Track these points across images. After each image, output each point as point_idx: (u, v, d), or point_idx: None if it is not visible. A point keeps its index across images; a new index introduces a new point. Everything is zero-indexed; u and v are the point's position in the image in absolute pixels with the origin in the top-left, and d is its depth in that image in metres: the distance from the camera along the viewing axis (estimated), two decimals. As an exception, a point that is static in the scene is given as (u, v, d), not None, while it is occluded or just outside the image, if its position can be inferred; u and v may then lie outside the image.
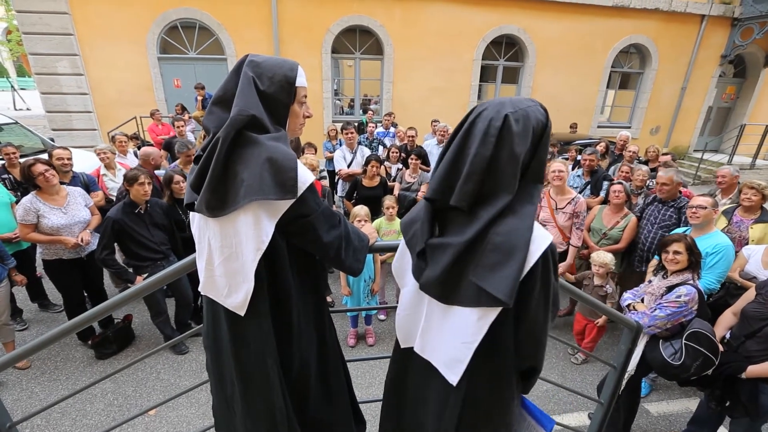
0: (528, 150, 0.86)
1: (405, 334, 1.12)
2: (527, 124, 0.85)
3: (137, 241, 3.07)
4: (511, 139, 0.83)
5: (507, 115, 0.84)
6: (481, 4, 9.16)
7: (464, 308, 0.90)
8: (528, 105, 0.88)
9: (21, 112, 16.15)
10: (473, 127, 0.87)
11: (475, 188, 0.86)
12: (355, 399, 1.49)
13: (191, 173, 1.07)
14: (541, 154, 0.89)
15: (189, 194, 1.08)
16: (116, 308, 1.45)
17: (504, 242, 0.83)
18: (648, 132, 11.32)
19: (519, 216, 0.84)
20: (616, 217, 3.62)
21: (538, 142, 0.87)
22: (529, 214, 0.85)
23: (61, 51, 7.92)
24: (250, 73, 1.01)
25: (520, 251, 0.82)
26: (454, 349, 0.94)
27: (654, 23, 10.11)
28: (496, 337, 0.90)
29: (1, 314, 3.00)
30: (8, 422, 1.48)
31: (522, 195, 0.86)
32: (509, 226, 0.84)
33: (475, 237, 0.85)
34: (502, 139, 0.84)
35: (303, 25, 8.69)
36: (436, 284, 0.93)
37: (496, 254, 0.83)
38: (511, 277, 0.81)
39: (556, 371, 3.42)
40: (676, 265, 2.18)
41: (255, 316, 1.09)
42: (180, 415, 2.77)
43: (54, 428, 2.66)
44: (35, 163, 2.99)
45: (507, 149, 0.83)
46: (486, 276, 0.84)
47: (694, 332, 2.01)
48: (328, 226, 1.10)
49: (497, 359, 0.95)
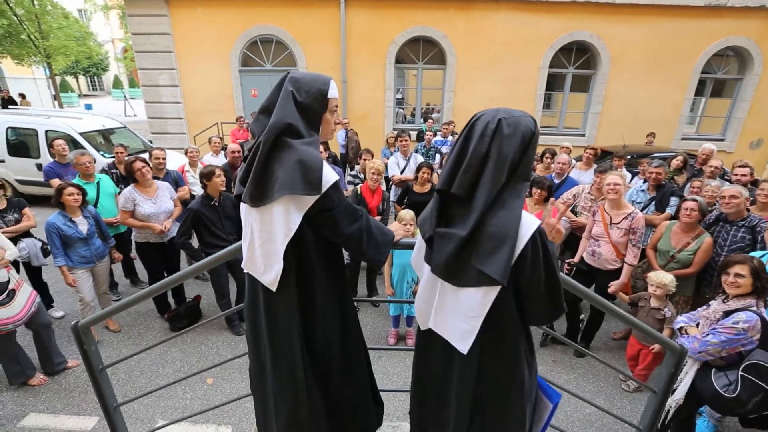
0: (517, 151, 1.00)
1: (423, 317, 1.24)
2: (517, 129, 1.00)
3: (210, 230, 3.51)
4: (502, 140, 0.99)
5: (500, 119, 1.01)
6: (550, 10, 8.84)
7: (470, 288, 1.04)
8: (520, 114, 1.03)
9: (129, 118, 18.87)
10: (473, 129, 1.04)
11: (472, 179, 1.02)
12: (374, 381, 1.62)
13: (240, 170, 1.29)
14: (529, 156, 1.03)
15: (238, 187, 1.30)
16: (185, 278, 1.76)
17: (497, 231, 0.98)
18: (747, 145, 9.96)
19: (508, 209, 0.99)
20: (686, 238, 3.28)
21: (526, 147, 1.01)
22: (518, 207, 1.00)
23: (163, 66, 9.20)
24: (290, 88, 1.21)
25: (510, 238, 0.97)
26: (464, 323, 1.09)
27: (758, 23, 8.92)
28: (500, 312, 1.05)
29: (102, 284, 3.62)
30: (101, 365, 1.84)
31: (511, 190, 1.01)
32: (500, 217, 0.99)
33: (473, 228, 1.00)
34: (495, 138, 1.00)
35: (369, 38, 9.11)
36: (443, 268, 1.09)
37: (491, 242, 0.98)
38: (504, 259, 0.96)
39: (603, 396, 3.22)
40: (737, 290, 1.99)
41: (284, 292, 1.28)
42: (232, 387, 3.11)
43: (133, 383, 3.15)
44: (135, 160, 3.58)
45: (499, 148, 0.99)
46: (484, 260, 0.99)
47: (753, 364, 1.82)
48: (350, 220, 1.26)
49: (503, 332, 1.09)
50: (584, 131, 10.01)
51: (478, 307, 1.05)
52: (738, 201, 3.06)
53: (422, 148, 6.55)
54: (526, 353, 1.15)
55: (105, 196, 4.06)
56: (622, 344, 3.74)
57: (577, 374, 3.43)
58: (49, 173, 4.70)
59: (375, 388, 1.62)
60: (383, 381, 3.09)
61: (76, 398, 2.98)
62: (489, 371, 1.12)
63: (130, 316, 3.99)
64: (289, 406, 1.38)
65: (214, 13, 8.94)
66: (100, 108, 21.08)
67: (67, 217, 3.25)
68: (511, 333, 1.10)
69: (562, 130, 10.19)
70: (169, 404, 2.95)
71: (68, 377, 3.18)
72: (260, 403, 1.53)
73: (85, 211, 3.39)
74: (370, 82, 9.47)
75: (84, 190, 3.35)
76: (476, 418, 1.16)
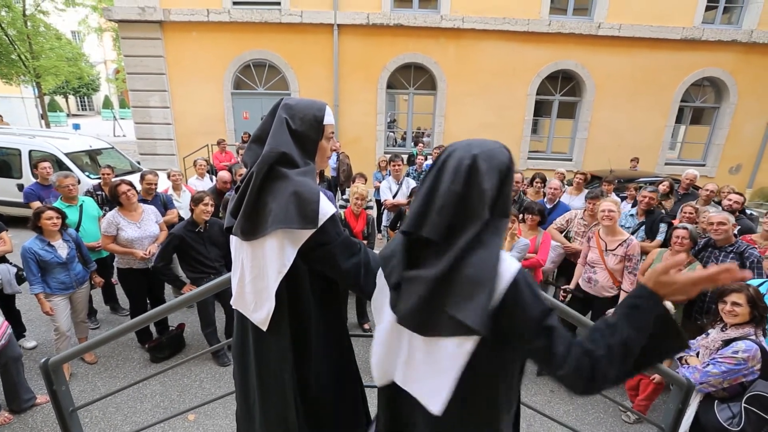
0: (494, 187, 0.91)
1: (382, 371, 1.09)
2: (493, 163, 0.92)
3: (194, 256, 3.39)
4: (479, 176, 0.90)
5: (475, 155, 0.91)
6: (536, 40, 9.19)
7: (443, 339, 0.92)
8: (493, 147, 0.95)
9: (118, 138, 18.73)
10: (445, 165, 0.94)
11: (446, 221, 0.91)
12: (369, 415, 1.50)
13: (231, 201, 1.22)
14: (506, 191, 0.94)
15: (228, 219, 1.22)
16: (168, 312, 1.65)
17: (474, 274, 0.87)
18: (726, 170, 10.29)
19: (487, 248, 0.89)
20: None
21: (503, 181, 0.93)
22: (497, 246, 0.90)
23: (154, 87, 9.21)
24: (284, 115, 1.15)
25: (489, 281, 0.86)
26: (436, 379, 0.95)
27: (731, 55, 9.40)
28: (477, 368, 0.91)
29: (81, 311, 3.44)
30: (71, 407, 1.69)
31: (490, 228, 0.91)
32: (479, 257, 0.88)
33: (448, 269, 0.89)
34: (470, 176, 0.90)
35: (361, 63, 9.30)
36: (412, 316, 0.95)
37: (468, 285, 0.87)
38: (481, 306, 0.85)
39: (603, 428, 3.11)
40: (735, 318, 1.96)
41: (275, 332, 1.19)
42: (215, 424, 2.92)
43: (108, 420, 2.93)
44: (120, 183, 3.48)
45: (476, 185, 0.90)
46: (460, 306, 0.87)
47: (756, 395, 1.77)
48: (347, 255, 1.18)
49: (478, 393, 0.95)
50: (571, 156, 10.24)
51: (452, 360, 0.91)
52: (726, 227, 3.09)
53: (414, 172, 6.58)
54: (500, 418, 0.99)
55: (88, 219, 3.93)
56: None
57: (576, 405, 3.33)
58: (30, 195, 4.55)
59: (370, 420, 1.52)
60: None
61: (44, 438, 2.76)
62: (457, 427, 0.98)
63: (107, 346, 3.77)
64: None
65: (208, 37, 9.05)
66: (89, 128, 20.89)
67: (45, 241, 3.10)
68: (484, 393, 0.96)
69: (550, 155, 10.41)
70: (146, 444, 2.74)
71: (35, 415, 2.95)
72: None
73: (65, 235, 3.25)
74: (362, 107, 9.60)
75: (63, 213, 3.22)
76: None
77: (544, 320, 0.87)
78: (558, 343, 0.86)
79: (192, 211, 3.40)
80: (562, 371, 0.85)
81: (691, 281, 0.83)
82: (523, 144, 9.95)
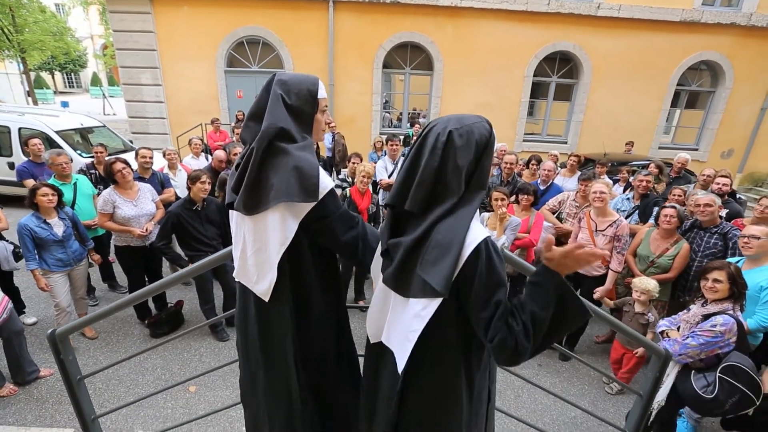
0: (471, 161, 0.96)
1: (375, 330, 1.19)
2: (470, 138, 0.96)
3: (192, 234, 3.42)
4: (454, 152, 0.95)
5: (451, 131, 0.95)
6: (534, 20, 9.06)
7: (413, 299, 0.99)
8: (473, 122, 0.99)
9: (108, 116, 18.32)
10: (425, 141, 0.99)
11: (425, 195, 0.97)
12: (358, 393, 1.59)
13: (231, 177, 1.25)
14: (485, 165, 0.99)
15: (229, 195, 1.25)
16: (167, 287, 1.70)
17: (443, 239, 0.93)
18: (718, 155, 10.40)
19: (458, 217, 0.94)
20: (665, 244, 3.39)
21: (481, 154, 0.97)
22: (467, 216, 0.95)
23: (146, 64, 8.99)
24: (279, 91, 1.16)
25: (455, 247, 0.91)
26: (404, 338, 1.03)
27: (729, 39, 9.37)
28: (440, 328, 0.98)
29: (80, 288, 3.48)
30: (79, 375, 1.76)
31: (464, 199, 0.97)
32: (448, 225, 0.94)
33: (421, 235, 0.96)
34: (447, 151, 0.95)
35: (357, 42, 9.13)
36: (393, 277, 1.04)
37: (436, 250, 0.93)
38: (447, 269, 0.91)
39: (587, 399, 3.27)
40: (715, 294, 2.06)
41: (277, 302, 1.24)
42: (216, 395, 3.02)
43: (111, 392, 3.02)
44: (116, 161, 3.46)
45: (452, 161, 0.95)
46: (428, 269, 0.94)
47: (730, 365, 1.89)
48: (346, 228, 1.23)
49: (440, 353, 1.02)
50: (567, 139, 10.26)
51: (417, 321, 0.98)
52: (712, 209, 3.18)
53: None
54: (469, 380, 1.06)
55: (82, 197, 3.92)
56: (605, 348, 3.82)
57: (562, 378, 3.48)
58: (23, 173, 4.50)
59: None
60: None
61: (49, 409, 2.84)
62: (426, 393, 1.06)
63: (107, 322, 3.83)
64: (284, 419, 1.34)
65: (200, 12, 8.80)
66: (77, 106, 20.37)
67: (41, 218, 3.11)
68: (451, 355, 1.03)
69: (545, 137, 10.42)
70: (150, 414, 2.84)
71: (40, 387, 3.03)
72: (251, 415, 1.49)
73: (61, 213, 3.25)
74: (358, 86, 9.48)
75: (59, 190, 3.22)
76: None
77: (495, 294, 0.93)
78: (498, 317, 0.92)
79: (189, 190, 3.41)
80: (492, 343, 0.92)
81: (561, 254, 0.91)
82: (519, 126, 9.95)
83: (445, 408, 1.07)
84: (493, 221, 3.49)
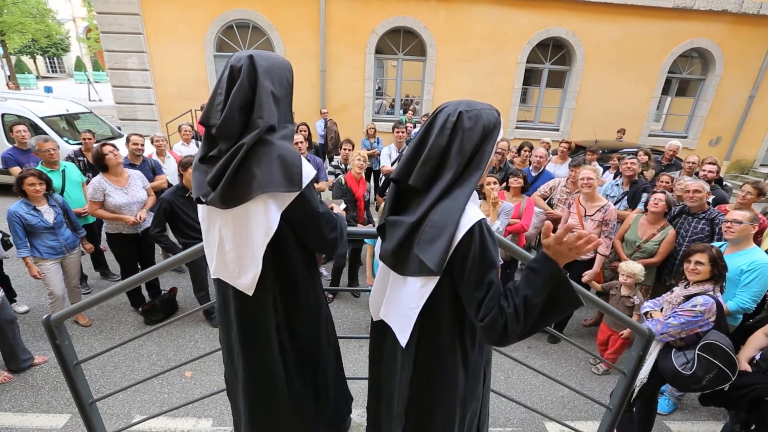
0: (475, 143, 0.99)
1: (376, 307, 1.24)
2: (478, 122, 0.99)
3: (185, 221, 3.41)
4: (462, 133, 0.98)
5: (461, 112, 0.99)
6: (528, 6, 8.98)
7: (411, 278, 1.04)
8: (483, 107, 1.02)
9: (94, 102, 17.88)
10: (435, 120, 1.02)
11: (430, 171, 1.00)
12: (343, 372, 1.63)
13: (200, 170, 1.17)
14: (486, 149, 1.02)
15: (200, 189, 1.15)
16: (161, 272, 1.71)
17: (439, 220, 0.96)
18: (707, 143, 10.54)
19: (454, 198, 0.97)
20: (652, 229, 3.47)
21: (485, 138, 1.01)
22: (464, 196, 0.98)
23: (132, 48, 8.74)
24: (268, 85, 1.10)
25: (450, 227, 0.94)
26: (404, 314, 1.08)
27: (720, 26, 9.40)
28: (438, 307, 1.04)
29: (73, 277, 3.47)
30: (75, 360, 1.77)
31: (462, 180, 0.99)
32: (445, 205, 0.97)
33: (423, 215, 0.99)
34: (455, 132, 0.98)
35: (349, 27, 8.97)
36: (390, 256, 1.07)
37: (432, 230, 0.97)
38: (441, 249, 0.94)
39: (574, 379, 3.38)
40: (697, 276, 2.13)
41: (260, 295, 1.24)
42: (212, 380, 3.07)
43: (107, 378, 3.05)
44: (104, 145, 3.41)
45: (458, 141, 0.98)
46: (424, 249, 0.97)
47: (708, 343, 1.97)
48: (331, 227, 1.27)
49: (439, 330, 1.07)
50: (559, 126, 10.31)
51: (417, 298, 1.03)
52: (701, 195, 3.25)
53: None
54: (464, 358, 1.10)
55: (71, 185, 3.87)
56: (592, 330, 3.93)
57: (551, 359, 3.59)
58: (8, 160, 4.42)
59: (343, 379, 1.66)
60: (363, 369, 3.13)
61: (45, 395, 2.87)
62: (423, 369, 1.10)
63: (101, 309, 3.84)
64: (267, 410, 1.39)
65: (187, -6, 8.55)
66: (62, 91, 19.78)
67: (30, 205, 3.08)
68: (447, 333, 1.07)
69: (537, 125, 10.45)
70: (147, 399, 2.88)
71: (35, 374, 3.05)
72: (236, 410, 1.54)
73: (51, 200, 3.22)
74: (350, 72, 9.36)
75: (47, 177, 3.17)
76: (411, 414, 1.16)
77: (488, 274, 0.96)
78: (489, 298, 0.95)
79: (181, 176, 3.38)
80: (482, 323, 0.95)
81: (554, 239, 0.94)
82: (511, 113, 9.95)
83: (441, 384, 1.12)
84: (486, 208, 3.53)
